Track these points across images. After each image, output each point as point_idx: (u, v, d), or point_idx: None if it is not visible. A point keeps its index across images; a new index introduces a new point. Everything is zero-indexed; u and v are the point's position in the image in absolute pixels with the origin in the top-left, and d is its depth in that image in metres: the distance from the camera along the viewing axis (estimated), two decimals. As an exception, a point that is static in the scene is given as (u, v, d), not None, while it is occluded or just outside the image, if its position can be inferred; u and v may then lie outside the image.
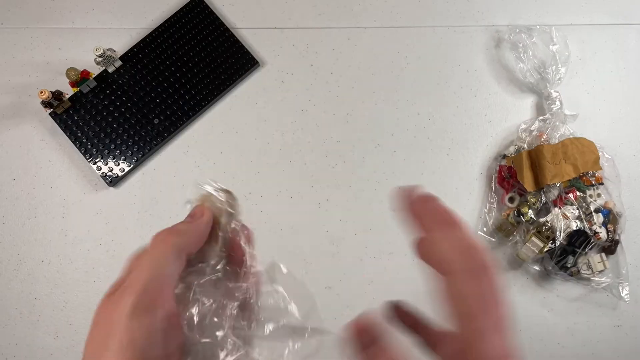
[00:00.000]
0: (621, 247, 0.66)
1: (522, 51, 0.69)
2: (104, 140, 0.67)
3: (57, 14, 0.72)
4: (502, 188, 0.67)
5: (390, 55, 0.72)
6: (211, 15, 0.71)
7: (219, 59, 0.70)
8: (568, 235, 0.63)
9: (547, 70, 0.68)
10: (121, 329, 0.24)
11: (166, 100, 0.69)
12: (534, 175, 0.64)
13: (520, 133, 0.68)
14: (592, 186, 0.65)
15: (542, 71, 0.69)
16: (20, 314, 0.64)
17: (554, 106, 0.67)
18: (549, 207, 0.64)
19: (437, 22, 0.74)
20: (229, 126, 0.69)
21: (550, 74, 0.68)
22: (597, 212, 0.64)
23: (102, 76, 0.69)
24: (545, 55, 0.70)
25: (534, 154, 0.65)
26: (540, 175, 0.64)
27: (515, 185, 0.66)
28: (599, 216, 0.64)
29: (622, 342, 0.66)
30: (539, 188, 0.64)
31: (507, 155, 0.67)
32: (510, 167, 0.66)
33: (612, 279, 0.64)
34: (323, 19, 0.73)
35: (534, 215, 0.64)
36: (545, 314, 0.66)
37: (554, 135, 0.66)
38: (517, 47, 0.70)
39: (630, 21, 0.75)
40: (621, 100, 0.72)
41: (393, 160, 0.69)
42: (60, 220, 0.66)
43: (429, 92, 0.71)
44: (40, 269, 0.65)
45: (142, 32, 0.71)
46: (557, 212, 0.63)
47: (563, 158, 0.64)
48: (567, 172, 0.64)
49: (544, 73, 0.69)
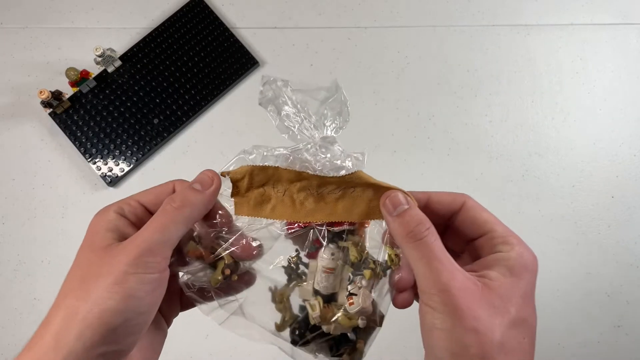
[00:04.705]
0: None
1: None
2: (103, 140, 0.67)
3: (57, 13, 0.72)
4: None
5: (390, 55, 0.72)
6: (211, 15, 0.71)
7: (218, 59, 0.70)
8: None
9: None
10: (118, 272, 0.27)
11: (166, 100, 0.69)
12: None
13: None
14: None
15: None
16: (20, 314, 0.64)
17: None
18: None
19: (437, 22, 0.73)
20: (228, 126, 0.69)
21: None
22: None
23: (102, 76, 0.68)
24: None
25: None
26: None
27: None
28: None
29: (623, 343, 0.66)
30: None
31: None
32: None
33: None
34: (323, 19, 0.73)
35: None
36: (546, 314, 0.66)
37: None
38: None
39: (631, 21, 0.74)
40: (622, 99, 0.72)
41: (393, 160, 0.69)
42: (60, 220, 0.66)
43: (429, 92, 0.71)
44: (40, 269, 0.65)
45: (142, 32, 0.71)
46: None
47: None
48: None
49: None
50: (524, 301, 0.28)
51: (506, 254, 0.29)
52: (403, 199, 0.31)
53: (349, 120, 0.35)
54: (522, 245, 0.30)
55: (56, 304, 0.28)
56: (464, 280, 0.28)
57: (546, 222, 0.68)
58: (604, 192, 0.69)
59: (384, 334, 0.34)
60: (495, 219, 0.32)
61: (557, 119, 0.71)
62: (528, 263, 0.29)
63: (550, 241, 0.68)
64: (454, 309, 0.27)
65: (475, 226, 0.32)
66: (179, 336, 0.63)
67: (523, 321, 0.28)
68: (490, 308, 0.27)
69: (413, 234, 0.29)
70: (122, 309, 0.27)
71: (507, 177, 0.69)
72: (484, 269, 0.29)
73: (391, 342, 0.63)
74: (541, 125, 0.71)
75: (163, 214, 0.30)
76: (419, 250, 0.29)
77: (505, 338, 0.27)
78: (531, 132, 0.71)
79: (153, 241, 0.29)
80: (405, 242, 0.30)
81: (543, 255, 0.67)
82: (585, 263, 0.67)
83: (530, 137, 0.71)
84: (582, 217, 0.68)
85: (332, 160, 0.33)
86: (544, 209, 0.68)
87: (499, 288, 0.28)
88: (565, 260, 0.67)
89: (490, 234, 0.31)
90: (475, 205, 0.33)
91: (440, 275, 0.27)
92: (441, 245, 0.29)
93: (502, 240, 0.30)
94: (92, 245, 0.30)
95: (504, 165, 0.70)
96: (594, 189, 0.69)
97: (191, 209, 0.31)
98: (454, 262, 0.29)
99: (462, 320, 0.26)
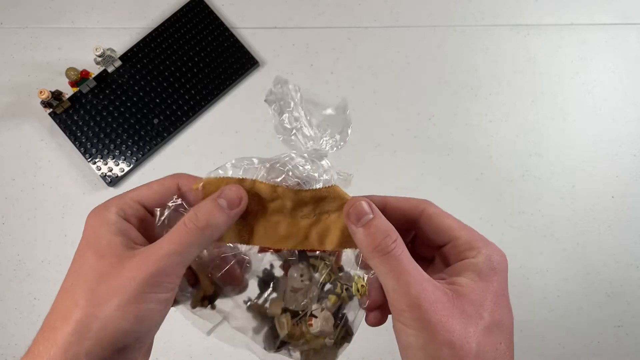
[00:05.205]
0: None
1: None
2: (103, 140, 0.67)
3: (57, 13, 0.72)
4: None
5: (390, 55, 0.72)
6: (211, 15, 0.71)
7: (218, 59, 0.70)
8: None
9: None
10: (133, 290, 0.26)
11: (166, 100, 0.69)
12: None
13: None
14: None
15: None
16: (20, 314, 0.64)
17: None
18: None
19: (437, 22, 0.73)
20: (228, 126, 0.69)
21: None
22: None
23: (102, 76, 0.68)
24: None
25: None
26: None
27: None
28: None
29: (623, 343, 0.66)
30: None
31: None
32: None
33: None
34: (323, 19, 0.73)
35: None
36: (546, 314, 0.66)
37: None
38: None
39: (631, 21, 0.74)
40: (622, 99, 0.72)
41: (393, 160, 0.69)
42: (59, 221, 0.66)
43: (429, 92, 0.71)
44: (40, 269, 0.65)
45: (142, 32, 0.71)
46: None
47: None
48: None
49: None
50: (495, 303, 0.28)
51: (473, 260, 0.29)
52: (367, 208, 0.30)
53: (346, 144, 0.34)
54: (489, 247, 0.29)
55: (62, 315, 0.27)
56: (434, 290, 0.27)
57: (546, 222, 0.68)
58: (604, 192, 0.69)
59: (375, 343, 0.34)
60: (459, 224, 0.31)
61: (557, 119, 0.71)
62: (496, 265, 0.29)
63: (550, 241, 0.68)
64: (427, 324, 0.26)
65: (438, 234, 0.31)
66: (179, 337, 0.63)
67: (497, 324, 0.27)
68: (463, 317, 0.27)
69: (380, 248, 0.28)
70: (135, 329, 0.26)
71: (507, 177, 0.69)
72: (453, 276, 0.29)
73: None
74: (541, 125, 0.71)
75: (185, 233, 0.28)
76: (387, 264, 0.28)
77: (481, 346, 0.26)
78: (531, 132, 0.71)
79: (171, 262, 0.27)
80: (372, 257, 0.28)
81: (543, 256, 0.67)
82: (585, 263, 0.67)
83: (530, 137, 0.71)
84: (582, 217, 0.68)
85: (311, 172, 0.32)
86: (544, 209, 0.68)
87: (469, 294, 0.27)
88: (565, 260, 0.67)
89: (454, 242, 0.30)
90: (436, 212, 0.32)
91: (409, 289, 0.27)
92: (409, 256, 0.28)
93: (468, 247, 0.30)
94: (99, 251, 0.28)
95: (504, 165, 0.70)
96: (594, 189, 0.69)
97: (214, 230, 0.29)
98: (423, 273, 0.28)
99: (435, 335, 0.26)
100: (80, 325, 0.26)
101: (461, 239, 0.30)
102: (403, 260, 0.28)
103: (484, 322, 0.27)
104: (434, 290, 0.27)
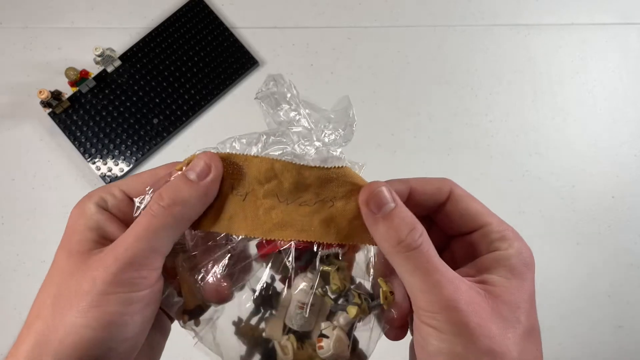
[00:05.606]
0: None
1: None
2: (103, 140, 0.67)
3: (57, 13, 0.72)
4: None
5: (390, 55, 0.72)
6: (211, 14, 0.71)
7: (218, 59, 0.70)
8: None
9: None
10: (95, 292, 0.23)
11: (165, 100, 0.68)
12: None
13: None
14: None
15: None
16: (20, 314, 0.64)
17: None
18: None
19: (437, 22, 0.73)
20: (228, 126, 0.69)
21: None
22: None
23: (102, 76, 0.68)
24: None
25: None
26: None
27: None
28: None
29: (624, 344, 0.66)
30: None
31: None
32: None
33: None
34: (323, 19, 0.73)
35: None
36: (546, 314, 0.66)
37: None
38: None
39: (632, 20, 0.74)
40: (622, 99, 0.72)
41: (393, 160, 0.69)
42: (59, 221, 0.66)
43: (429, 92, 0.71)
44: (40, 269, 0.64)
45: (142, 31, 0.71)
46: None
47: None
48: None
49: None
50: (530, 306, 0.25)
51: (505, 252, 0.26)
52: (388, 196, 0.25)
53: (350, 141, 0.30)
54: (519, 239, 0.27)
55: (27, 325, 0.24)
56: (468, 291, 0.24)
57: (546, 222, 0.68)
58: (604, 192, 0.69)
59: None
60: (487, 210, 0.27)
61: (557, 119, 0.71)
62: (528, 260, 0.26)
63: (550, 241, 0.68)
64: (464, 329, 0.23)
65: (466, 220, 0.28)
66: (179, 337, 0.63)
67: (534, 329, 0.25)
68: (501, 321, 0.23)
69: (405, 244, 0.24)
70: (102, 337, 0.23)
71: (507, 177, 0.69)
72: (483, 272, 0.26)
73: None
74: (541, 125, 0.71)
75: (149, 215, 0.24)
76: (413, 261, 0.24)
77: (523, 355, 0.23)
78: (531, 132, 0.71)
79: (137, 252, 0.23)
80: (395, 253, 0.24)
81: (543, 255, 0.67)
82: (586, 263, 0.67)
83: (530, 137, 0.70)
84: (582, 217, 0.68)
85: (320, 149, 0.27)
86: (544, 209, 0.68)
87: (504, 294, 0.24)
88: (565, 260, 0.67)
89: (484, 229, 0.27)
90: (463, 194, 0.28)
91: (442, 289, 0.23)
92: (435, 251, 0.25)
93: (499, 236, 0.26)
94: (70, 249, 0.25)
95: (504, 165, 0.69)
96: (594, 189, 0.69)
97: (184, 207, 0.25)
98: (452, 270, 0.24)
99: (475, 341, 0.23)
100: (40, 337, 0.23)
101: (493, 226, 0.27)
102: (432, 257, 0.24)
103: (522, 326, 0.24)
104: (468, 291, 0.24)
